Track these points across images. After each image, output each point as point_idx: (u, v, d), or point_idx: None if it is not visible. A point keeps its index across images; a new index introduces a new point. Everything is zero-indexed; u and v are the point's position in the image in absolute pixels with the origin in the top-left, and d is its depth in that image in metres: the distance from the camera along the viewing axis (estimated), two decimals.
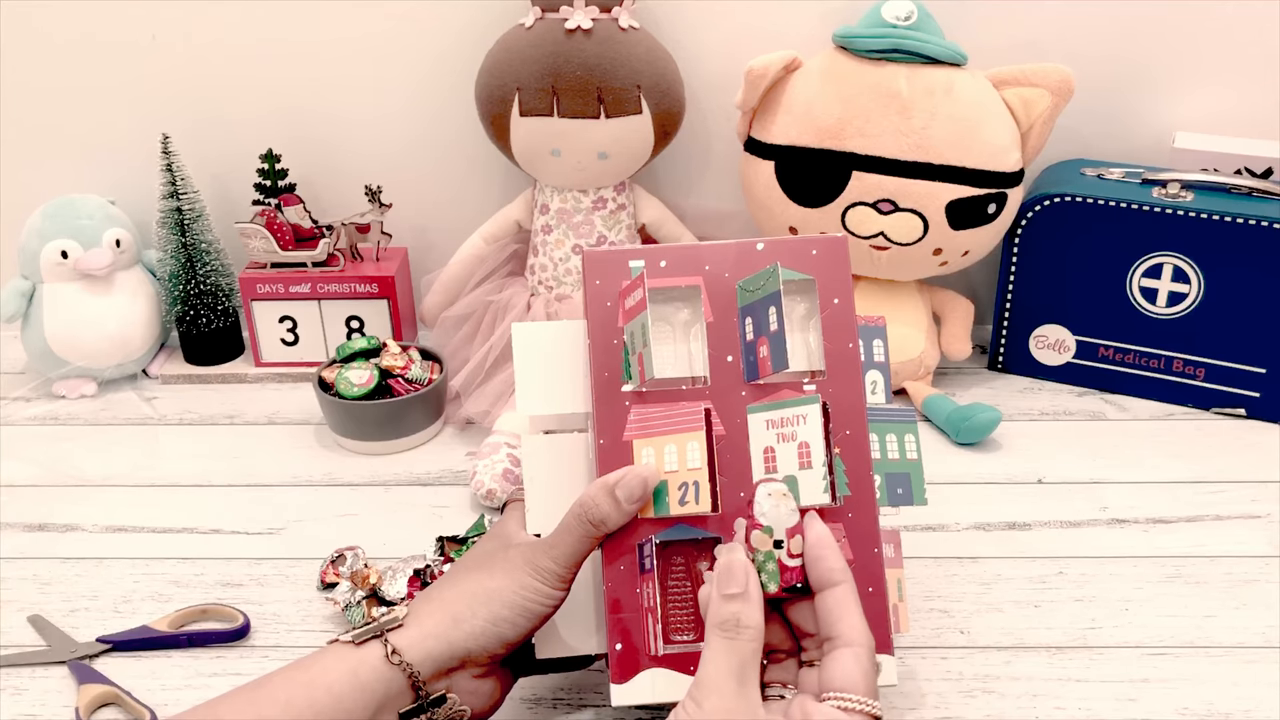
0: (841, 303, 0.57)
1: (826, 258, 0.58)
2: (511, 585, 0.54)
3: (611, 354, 0.57)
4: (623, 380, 0.57)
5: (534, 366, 0.61)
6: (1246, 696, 0.65)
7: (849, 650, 0.48)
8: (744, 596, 0.48)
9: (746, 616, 0.48)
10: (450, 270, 1.03)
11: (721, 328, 0.58)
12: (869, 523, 0.57)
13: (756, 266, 0.57)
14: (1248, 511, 0.82)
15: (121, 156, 1.07)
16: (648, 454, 0.56)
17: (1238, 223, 0.89)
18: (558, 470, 0.60)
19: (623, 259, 0.58)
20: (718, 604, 0.48)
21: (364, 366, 0.91)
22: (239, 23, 1.02)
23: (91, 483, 0.89)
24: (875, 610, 0.55)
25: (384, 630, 0.53)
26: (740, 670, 0.47)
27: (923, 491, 0.62)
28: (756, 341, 0.57)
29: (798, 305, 0.59)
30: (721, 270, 0.58)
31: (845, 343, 0.57)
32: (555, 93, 0.91)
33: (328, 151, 1.07)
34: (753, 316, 0.57)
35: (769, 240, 0.58)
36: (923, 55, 0.89)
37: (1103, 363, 0.98)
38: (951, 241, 0.92)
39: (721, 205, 1.08)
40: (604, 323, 0.57)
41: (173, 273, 1.02)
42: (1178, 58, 0.99)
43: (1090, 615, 0.72)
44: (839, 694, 0.47)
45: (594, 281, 0.57)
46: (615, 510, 0.53)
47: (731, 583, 0.48)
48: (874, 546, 0.56)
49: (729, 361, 0.57)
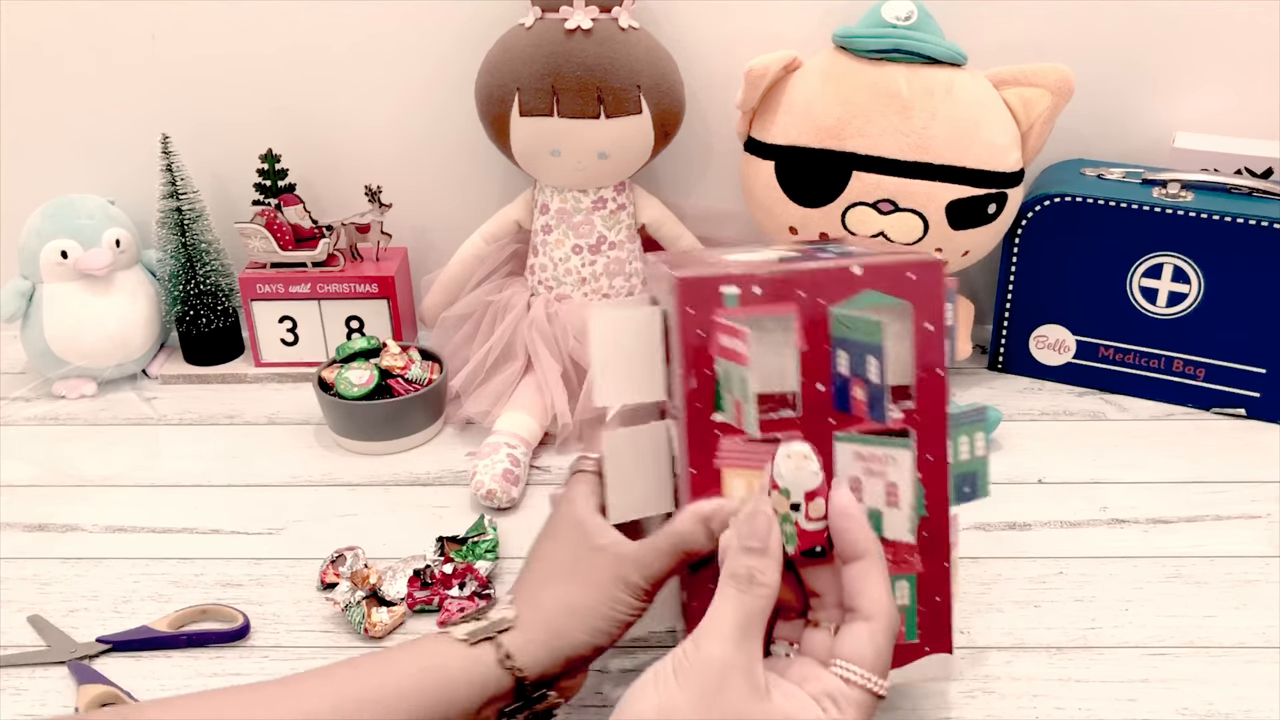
0: (935, 328, 0.57)
1: (923, 282, 0.56)
2: (605, 600, 0.55)
3: (704, 383, 0.57)
4: (714, 410, 0.57)
5: (611, 357, 0.60)
6: (1246, 696, 0.65)
7: (865, 625, 0.48)
8: (763, 552, 0.48)
9: (763, 573, 0.47)
10: (450, 270, 1.03)
11: (814, 355, 0.57)
12: (941, 539, 0.59)
13: (853, 291, 0.56)
14: (1248, 511, 0.82)
15: (121, 156, 1.07)
16: (738, 486, 0.57)
17: (1238, 223, 0.89)
18: (639, 462, 0.60)
19: (715, 285, 0.56)
20: (736, 555, 0.48)
21: (364, 366, 0.91)
22: (239, 23, 1.02)
23: (91, 483, 0.89)
24: (938, 615, 0.60)
25: (498, 632, 0.54)
26: (746, 623, 0.46)
27: (988, 484, 0.63)
28: (850, 381, 0.56)
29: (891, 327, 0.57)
30: (816, 296, 0.56)
31: (934, 368, 0.57)
32: (555, 93, 0.91)
33: (328, 152, 1.07)
34: (847, 352, 0.56)
35: (867, 264, 0.56)
36: (923, 55, 0.89)
37: (1103, 363, 0.98)
38: (951, 242, 0.92)
39: (721, 205, 1.08)
40: (697, 352, 0.56)
41: (173, 273, 1.02)
42: (1178, 58, 0.99)
43: (1090, 615, 0.72)
44: (845, 664, 0.47)
45: (686, 309, 0.55)
46: (709, 541, 0.54)
47: (753, 536, 0.48)
48: (944, 560, 0.59)
49: (819, 389, 0.57)
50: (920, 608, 0.60)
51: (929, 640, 0.60)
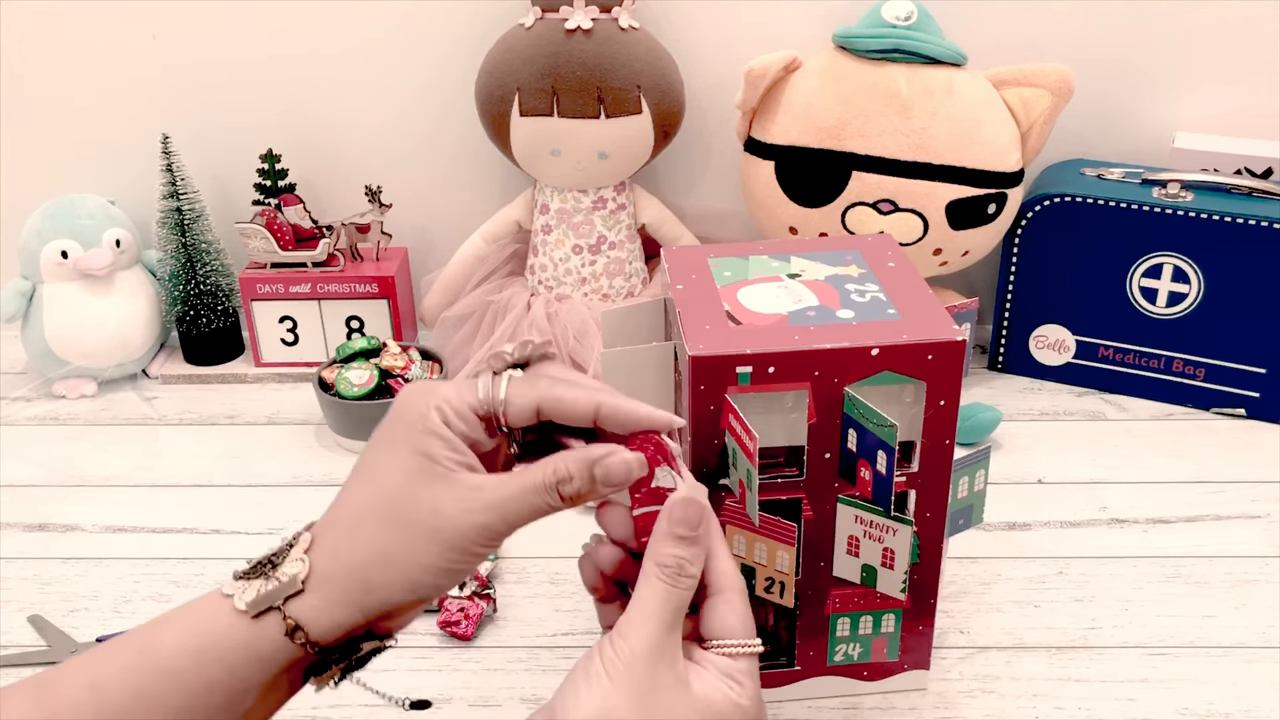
0: (948, 404, 0.57)
1: (942, 361, 0.56)
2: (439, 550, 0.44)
3: (711, 450, 0.57)
4: (720, 476, 0.58)
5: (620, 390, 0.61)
6: (1246, 696, 0.65)
7: (720, 597, 0.46)
8: (694, 541, 0.45)
9: (691, 564, 0.45)
10: (450, 270, 1.03)
11: (823, 427, 0.57)
12: (931, 580, 0.62)
13: (869, 370, 0.56)
14: (1248, 511, 0.82)
15: (121, 156, 1.07)
16: (739, 542, 0.59)
17: (1238, 223, 0.89)
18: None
19: (730, 365, 0.55)
20: (665, 542, 0.45)
21: (364, 366, 0.91)
22: (239, 23, 1.02)
23: (91, 483, 0.89)
24: (920, 640, 0.64)
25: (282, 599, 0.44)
26: (673, 617, 0.44)
27: (982, 514, 0.66)
28: (858, 460, 0.57)
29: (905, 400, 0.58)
30: (831, 375, 0.56)
31: (943, 439, 0.58)
32: (555, 93, 0.91)
33: (328, 151, 1.07)
34: (858, 433, 0.56)
35: (885, 346, 0.55)
36: (923, 55, 0.89)
37: (1103, 363, 0.98)
38: (951, 241, 0.92)
39: (721, 205, 1.08)
40: (706, 423, 0.56)
41: (173, 273, 1.02)
42: (1178, 58, 0.99)
43: (1090, 615, 0.72)
44: (723, 641, 0.46)
45: (699, 386, 0.55)
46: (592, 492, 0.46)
47: (685, 524, 0.45)
48: (931, 599, 0.63)
49: (826, 458, 0.58)
50: (904, 635, 0.64)
51: (909, 660, 0.65)
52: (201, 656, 0.44)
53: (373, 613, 0.45)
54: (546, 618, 0.73)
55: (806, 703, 0.65)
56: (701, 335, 0.56)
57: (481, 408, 0.46)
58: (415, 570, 0.44)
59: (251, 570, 0.45)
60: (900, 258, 0.64)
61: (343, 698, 0.66)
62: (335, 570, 0.45)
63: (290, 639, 0.44)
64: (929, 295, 0.59)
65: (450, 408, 0.46)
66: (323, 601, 0.44)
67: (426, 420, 0.46)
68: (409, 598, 0.45)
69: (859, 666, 0.65)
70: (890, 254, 0.64)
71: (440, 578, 0.45)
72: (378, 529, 0.45)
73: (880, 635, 0.64)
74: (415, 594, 0.45)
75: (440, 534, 0.44)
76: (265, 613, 0.44)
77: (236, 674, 0.44)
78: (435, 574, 0.45)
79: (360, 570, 0.45)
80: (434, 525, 0.44)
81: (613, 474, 0.46)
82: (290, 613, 0.44)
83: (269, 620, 0.44)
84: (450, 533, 0.44)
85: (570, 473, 0.45)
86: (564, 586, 0.75)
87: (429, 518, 0.44)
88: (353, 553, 0.45)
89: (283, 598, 0.44)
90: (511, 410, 0.47)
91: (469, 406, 0.46)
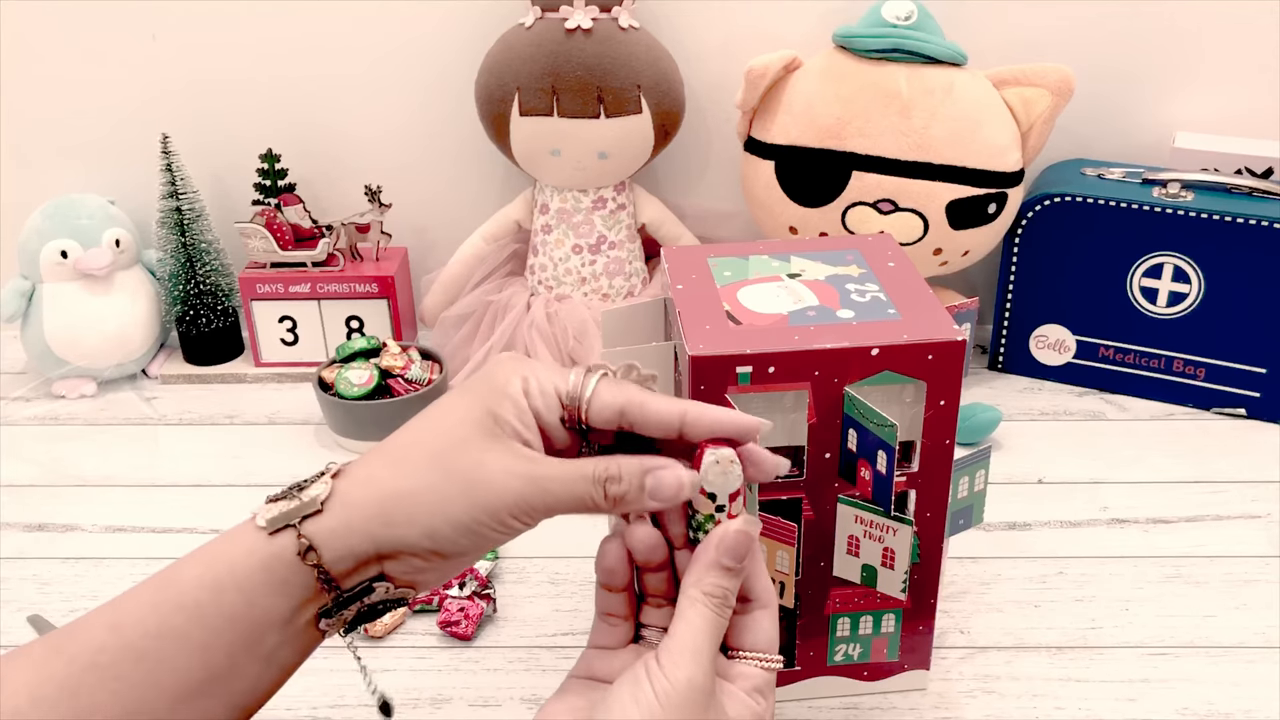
0: (948, 403, 0.57)
1: (942, 361, 0.56)
2: (467, 506, 0.43)
3: None
4: None
5: None
6: (1246, 696, 0.65)
7: (764, 612, 0.47)
8: (739, 573, 0.46)
9: (734, 594, 0.46)
10: (450, 270, 1.03)
11: (824, 427, 0.57)
12: (931, 579, 0.62)
13: (869, 370, 0.56)
14: (1248, 511, 0.82)
15: (121, 156, 1.07)
16: None
17: (1238, 223, 0.89)
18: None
19: (730, 365, 0.55)
20: (710, 571, 0.45)
21: (364, 366, 0.91)
22: (239, 23, 1.02)
23: (91, 483, 0.89)
24: (921, 640, 0.65)
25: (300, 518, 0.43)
26: (715, 644, 0.45)
27: (982, 514, 0.66)
28: (858, 460, 0.57)
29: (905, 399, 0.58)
30: (831, 375, 0.56)
31: (943, 439, 0.58)
32: (555, 92, 0.91)
33: (328, 151, 1.07)
34: (858, 433, 0.56)
35: (885, 346, 0.55)
36: (923, 55, 0.89)
37: (1103, 363, 0.98)
38: (951, 241, 0.92)
39: (721, 205, 1.08)
40: None
41: (173, 273, 1.02)
42: (1178, 58, 0.99)
43: (1090, 615, 0.72)
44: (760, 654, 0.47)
45: (699, 386, 0.55)
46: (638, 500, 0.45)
47: (733, 555, 0.45)
48: (931, 599, 0.63)
49: (826, 458, 0.58)
50: (904, 635, 0.64)
51: (909, 660, 0.65)
52: (220, 585, 0.43)
53: (385, 549, 0.43)
54: (546, 618, 0.73)
55: (806, 703, 0.65)
56: (701, 335, 0.56)
57: (567, 395, 0.45)
58: (439, 518, 0.43)
59: (281, 495, 0.44)
60: (900, 258, 0.64)
61: (343, 697, 0.66)
62: (360, 496, 0.44)
63: (302, 559, 0.43)
64: (929, 295, 0.59)
65: (536, 382, 0.45)
66: (339, 524, 0.43)
67: (509, 384, 0.45)
68: (424, 544, 0.43)
69: (859, 666, 0.65)
70: (890, 254, 0.64)
71: (460, 535, 0.43)
72: (417, 467, 0.44)
73: (880, 635, 0.64)
74: (432, 542, 0.43)
75: (475, 489, 0.43)
76: (281, 531, 0.43)
77: (255, 604, 0.43)
78: (457, 529, 0.43)
79: (386, 501, 0.43)
80: (473, 479, 0.43)
81: (664, 486, 0.45)
82: (305, 532, 0.43)
83: (284, 539, 0.43)
84: (486, 491, 0.43)
85: (621, 473, 0.44)
86: (564, 586, 0.75)
87: (471, 470, 0.43)
88: (383, 481, 0.44)
89: (300, 516, 0.43)
90: (595, 405, 0.45)
91: (554, 388, 0.45)
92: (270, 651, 0.43)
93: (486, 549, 0.45)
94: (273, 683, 0.44)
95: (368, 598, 0.44)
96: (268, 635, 0.43)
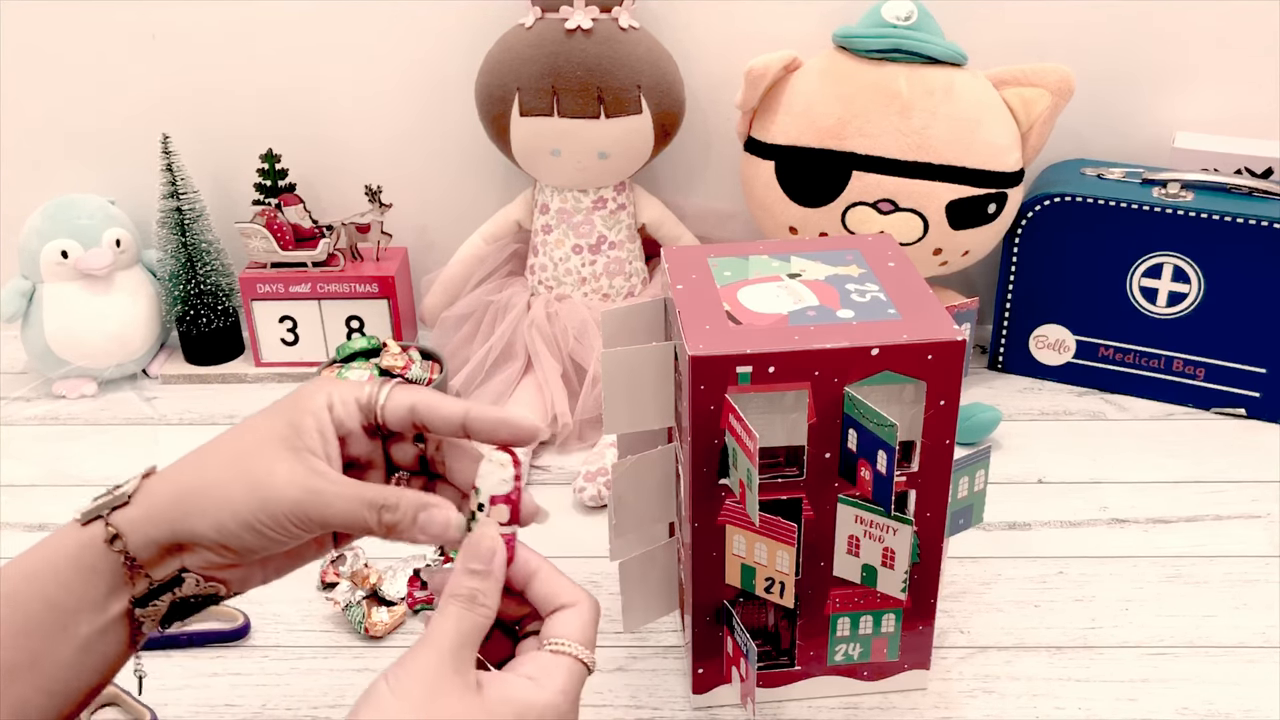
0: (947, 404, 0.57)
1: (942, 361, 0.56)
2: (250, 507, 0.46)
3: (711, 451, 0.57)
4: (720, 476, 0.58)
5: (622, 389, 0.61)
6: (1246, 696, 0.65)
7: (569, 609, 0.49)
8: (486, 575, 0.47)
9: (484, 595, 0.47)
10: (450, 270, 1.03)
11: (824, 427, 0.57)
12: (931, 579, 0.63)
13: (869, 370, 0.56)
14: (1248, 511, 0.82)
15: (121, 156, 1.07)
16: (739, 542, 0.59)
17: (1238, 223, 0.89)
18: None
19: (730, 365, 0.55)
20: (460, 575, 0.47)
21: (364, 366, 0.91)
22: (239, 23, 1.02)
23: (91, 483, 0.89)
24: (921, 640, 0.65)
25: (109, 509, 0.48)
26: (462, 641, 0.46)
27: (981, 514, 0.66)
28: (858, 460, 0.57)
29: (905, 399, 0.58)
30: (831, 375, 0.56)
31: (943, 439, 0.58)
32: (555, 92, 0.91)
33: (328, 151, 1.07)
34: (858, 433, 0.56)
35: (885, 346, 0.55)
36: (923, 55, 0.89)
37: (1103, 363, 0.98)
38: (951, 241, 0.92)
39: (721, 205, 1.08)
40: (706, 423, 0.56)
41: (173, 273, 1.02)
42: (1178, 58, 0.99)
43: (1090, 615, 0.72)
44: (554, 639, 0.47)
45: (699, 386, 0.55)
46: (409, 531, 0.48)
47: (477, 559, 0.48)
48: (931, 599, 0.63)
49: (826, 458, 0.58)
50: (904, 635, 0.64)
51: (909, 660, 0.65)
52: (35, 573, 0.47)
53: (182, 538, 0.47)
54: None
55: (806, 703, 0.65)
56: (701, 335, 0.56)
57: (365, 401, 0.49)
58: (225, 513, 0.46)
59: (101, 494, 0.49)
60: (900, 258, 0.64)
61: (343, 697, 0.66)
62: (161, 490, 0.48)
63: (109, 545, 0.47)
64: (929, 295, 0.59)
65: (339, 395, 0.49)
66: (141, 514, 0.47)
67: (313, 400, 0.49)
68: (212, 535, 0.47)
69: (859, 666, 0.65)
70: (890, 254, 0.64)
71: (245, 533, 0.46)
72: (216, 467, 0.48)
73: (880, 635, 0.64)
74: (219, 535, 0.47)
75: (260, 491, 0.46)
76: (93, 522, 0.48)
77: (68, 589, 0.47)
78: (241, 526, 0.46)
79: (183, 494, 0.48)
80: (260, 481, 0.47)
81: (433, 522, 0.48)
82: (112, 521, 0.47)
83: (95, 529, 0.47)
84: (269, 494, 0.46)
85: (400, 504, 0.48)
86: None
87: (261, 474, 0.47)
88: (184, 478, 0.48)
89: (109, 508, 0.48)
90: (389, 406, 0.49)
91: (355, 398, 0.49)
92: (86, 639, 0.47)
93: (274, 549, 0.48)
94: (94, 672, 0.48)
95: (178, 589, 0.48)
96: (81, 620, 0.47)
